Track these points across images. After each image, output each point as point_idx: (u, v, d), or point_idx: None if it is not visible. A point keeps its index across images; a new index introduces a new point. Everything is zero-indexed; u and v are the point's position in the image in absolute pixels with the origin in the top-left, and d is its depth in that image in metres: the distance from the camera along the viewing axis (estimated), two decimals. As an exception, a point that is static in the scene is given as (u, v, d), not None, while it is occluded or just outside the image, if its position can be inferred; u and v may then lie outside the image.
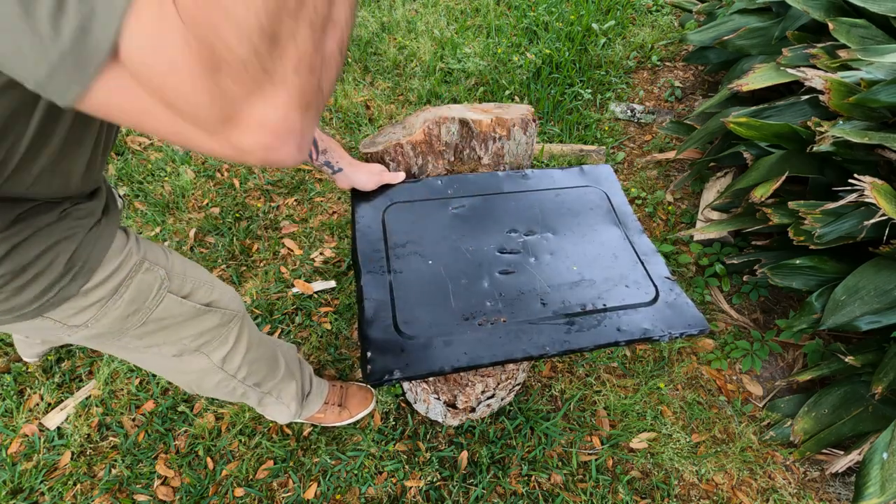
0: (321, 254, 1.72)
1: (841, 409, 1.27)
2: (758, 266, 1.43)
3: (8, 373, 1.42)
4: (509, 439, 1.33)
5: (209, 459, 1.28)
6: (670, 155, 2.02)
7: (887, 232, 1.15)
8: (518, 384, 1.32)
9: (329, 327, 1.54)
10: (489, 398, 1.23)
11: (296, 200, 1.89)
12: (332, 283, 1.64)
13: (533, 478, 1.27)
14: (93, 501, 1.21)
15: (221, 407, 1.36)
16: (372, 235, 0.99)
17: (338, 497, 1.23)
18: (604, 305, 0.90)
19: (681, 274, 1.70)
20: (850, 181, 1.13)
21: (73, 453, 1.28)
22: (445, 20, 2.71)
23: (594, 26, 2.54)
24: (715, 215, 1.71)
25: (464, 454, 1.29)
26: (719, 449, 1.33)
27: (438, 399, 1.21)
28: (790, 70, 1.43)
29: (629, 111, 2.26)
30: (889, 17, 1.47)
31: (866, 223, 1.14)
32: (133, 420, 1.35)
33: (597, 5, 2.73)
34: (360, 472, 1.26)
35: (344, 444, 1.31)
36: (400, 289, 0.91)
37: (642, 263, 0.98)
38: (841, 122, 1.27)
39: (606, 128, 2.18)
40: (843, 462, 1.25)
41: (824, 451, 1.30)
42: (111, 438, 1.31)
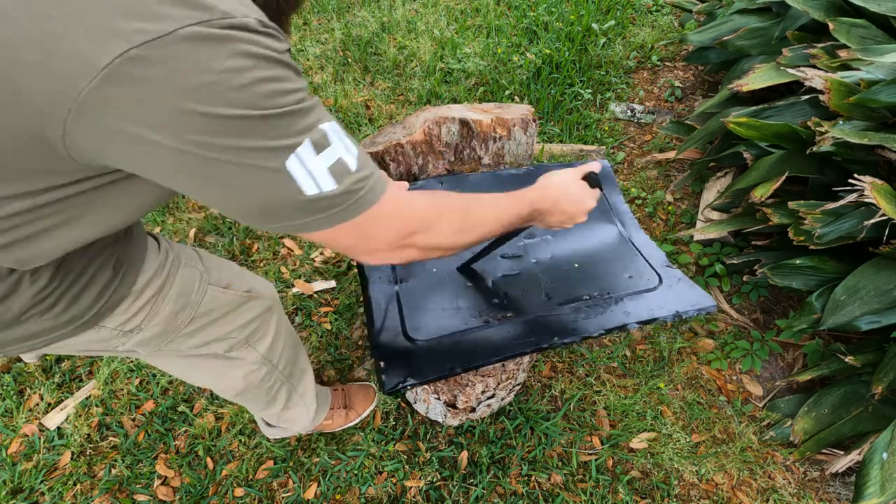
0: (321, 254, 1.72)
1: (841, 409, 1.27)
2: (758, 266, 1.43)
3: (8, 373, 1.42)
4: (509, 439, 1.33)
5: (209, 459, 1.28)
6: (670, 155, 2.02)
7: (887, 232, 1.15)
8: (518, 384, 1.32)
9: (329, 327, 1.54)
10: (489, 398, 1.23)
11: (296, 200, 1.89)
12: (332, 283, 1.64)
13: (533, 478, 1.27)
14: (93, 501, 1.21)
15: (221, 407, 1.36)
16: None
17: (338, 497, 1.23)
18: (608, 294, 0.90)
19: (681, 274, 1.70)
20: (850, 181, 1.13)
21: (73, 453, 1.28)
22: (445, 20, 2.71)
23: (594, 26, 2.54)
24: (715, 215, 1.71)
25: (464, 454, 1.29)
26: (719, 449, 1.33)
27: (438, 399, 1.21)
28: (790, 70, 1.43)
29: (629, 111, 2.26)
30: (889, 17, 1.47)
31: (866, 223, 1.14)
32: (133, 420, 1.35)
33: (597, 5, 2.73)
34: (360, 472, 1.26)
35: (344, 444, 1.31)
36: (407, 296, 0.92)
37: (642, 255, 0.98)
38: (841, 123, 1.27)
39: (606, 128, 2.19)
40: (843, 462, 1.25)
41: (824, 451, 1.30)
42: (111, 438, 1.31)
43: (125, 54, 0.36)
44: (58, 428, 1.32)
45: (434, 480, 1.25)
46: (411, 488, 1.24)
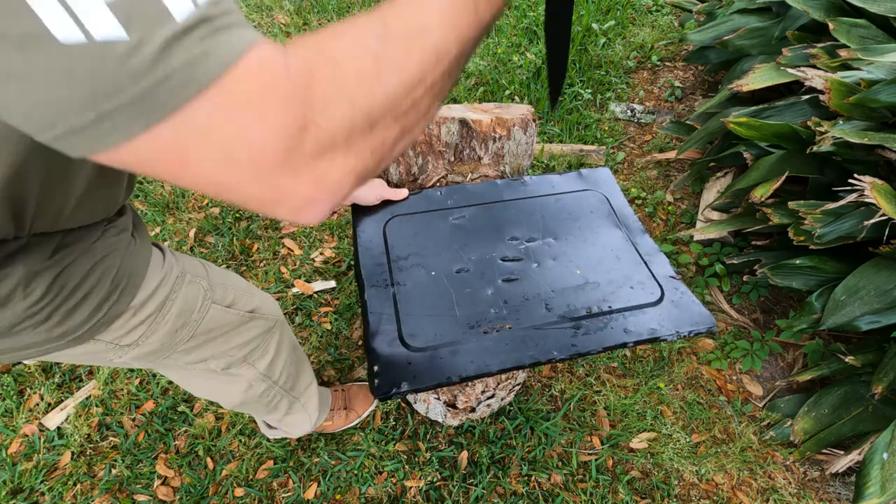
0: (321, 254, 1.72)
1: (841, 409, 1.27)
2: (758, 266, 1.43)
3: (8, 373, 1.42)
4: (509, 439, 1.33)
5: (209, 459, 1.28)
6: (670, 155, 2.02)
7: (887, 232, 1.15)
8: (518, 384, 1.32)
9: (329, 327, 1.54)
10: (489, 398, 1.23)
11: (296, 200, 1.89)
12: (332, 283, 1.64)
13: (533, 478, 1.27)
14: (93, 501, 1.21)
15: (221, 407, 1.36)
16: (374, 250, 1.00)
17: (338, 497, 1.23)
18: (609, 307, 0.90)
19: (681, 274, 1.70)
20: (850, 181, 1.13)
21: (73, 453, 1.28)
22: (445, 20, 2.70)
23: (594, 26, 2.54)
24: (715, 215, 1.71)
25: (464, 454, 1.29)
26: (719, 449, 1.33)
27: (438, 399, 1.21)
28: (790, 70, 1.43)
29: (629, 111, 2.26)
30: (889, 17, 1.47)
31: (866, 223, 1.14)
32: (133, 420, 1.35)
33: (597, 5, 2.73)
34: (360, 472, 1.26)
35: (344, 444, 1.31)
36: (404, 301, 0.92)
37: (646, 264, 0.98)
38: (841, 122, 1.27)
39: (606, 128, 2.18)
40: (843, 462, 1.25)
41: (824, 451, 1.30)
42: (111, 438, 1.31)
43: None
44: (58, 428, 1.32)
45: (434, 480, 1.25)
46: (411, 488, 1.24)
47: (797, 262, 1.34)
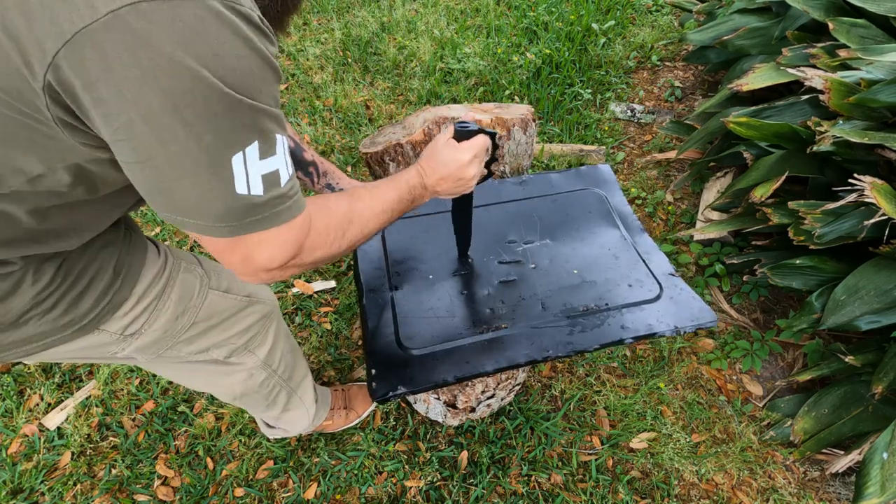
0: (321, 254, 1.72)
1: (841, 409, 1.27)
2: (758, 266, 1.43)
3: (8, 373, 1.42)
4: (509, 439, 1.33)
5: (209, 459, 1.28)
6: (670, 155, 2.02)
7: (887, 232, 1.15)
8: (518, 384, 1.32)
9: (329, 327, 1.54)
10: (489, 398, 1.23)
11: (296, 200, 1.88)
12: (332, 283, 1.64)
13: (533, 478, 1.27)
14: (93, 501, 1.21)
15: (221, 407, 1.36)
16: (373, 254, 1.01)
17: (338, 497, 1.23)
18: (606, 305, 0.90)
19: (681, 274, 1.70)
20: (850, 181, 1.13)
21: (73, 453, 1.28)
22: (445, 20, 2.71)
23: (594, 26, 2.54)
24: (715, 215, 1.71)
25: (464, 454, 1.29)
26: (719, 449, 1.33)
27: (438, 399, 1.21)
28: (790, 70, 1.43)
29: (629, 111, 2.26)
30: (889, 17, 1.47)
31: (866, 223, 1.14)
32: (133, 420, 1.35)
33: (597, 5, 2.73)
34: (360, 472, 1.26)
35: (344, 444, 1.31)
36: (402, 304, 0.92)
37: (644, 262, 0.98)
38: (841, 122, 1.27)
39: (606, 128, 2.18)
40: (844, 462, 1.25)
41: (824, 451, 1.30)
42: (111, 438, 1.31)
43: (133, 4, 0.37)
44: (58, 428, 1.32)
45: (434, 480, 1.25)
46: (411, 488, 1.24)
47: (797, 262, 1.34)
